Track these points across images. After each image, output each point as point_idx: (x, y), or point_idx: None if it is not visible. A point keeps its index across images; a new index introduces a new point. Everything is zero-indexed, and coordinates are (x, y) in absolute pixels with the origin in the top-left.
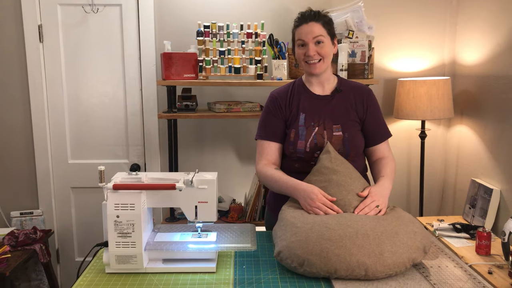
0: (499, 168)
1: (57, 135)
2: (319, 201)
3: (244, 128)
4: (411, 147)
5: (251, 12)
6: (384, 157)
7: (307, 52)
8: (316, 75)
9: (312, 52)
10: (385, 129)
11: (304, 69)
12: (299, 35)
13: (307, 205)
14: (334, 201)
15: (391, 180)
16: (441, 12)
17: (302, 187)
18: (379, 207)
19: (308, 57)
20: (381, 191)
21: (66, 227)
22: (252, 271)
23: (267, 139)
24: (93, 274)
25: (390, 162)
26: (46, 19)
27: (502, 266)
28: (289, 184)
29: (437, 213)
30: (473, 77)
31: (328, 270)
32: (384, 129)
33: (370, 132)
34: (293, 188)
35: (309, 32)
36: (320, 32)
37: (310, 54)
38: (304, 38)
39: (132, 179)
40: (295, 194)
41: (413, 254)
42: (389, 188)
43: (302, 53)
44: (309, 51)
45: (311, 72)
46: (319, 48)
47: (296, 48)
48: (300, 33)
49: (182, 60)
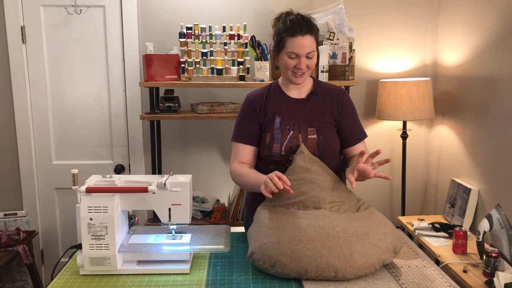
0: (477, 168)
1: (41, 136)
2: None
3: (227, 129)
4: (393, 148)
5: (233, 14)
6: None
7: (298, 65)
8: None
9: (304, 66)
10: (361, 131)
11: (288, 77)
12: (293, 48)
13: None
14: (309, 197)
15: None
16: (422, 12)
17: (263, 176)
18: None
19: (298, 70)
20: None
21: (51, 228)
22: (225, 272)
23: (241, 142)
24: (67, 275)
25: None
26: (29, 20)
27: (477, 265)
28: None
29: (419, 212)
30: (453, 78)
31: (298, 271)
32: (359, 131)
33: (346, 133)
34: (256, 179)
35: (305, 46)
36: (313, 47)
37: (301, 67)
38: (298, 52)
39: (105, 182)
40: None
41: (383, 255)
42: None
43: (291, 63)
44: (301, 64)
45: (296, 83)
46: (309, 61)
47: (285, 57)
48: (294, 45)
49: (164, 61)
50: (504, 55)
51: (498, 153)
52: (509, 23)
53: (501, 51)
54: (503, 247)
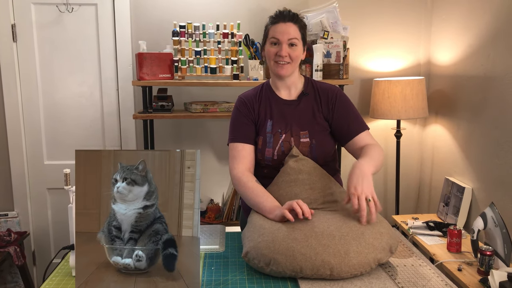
0: (471, 166)
1: (32, 136)
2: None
3: (221, 128)
4: (387, 146)
5: (227, 12)
6: (367, 144)
7: (279, 52)
8: (282, 77)
9: (285, 52)
10: (360, 123)
11: (271, 68)
12: (274, 33)
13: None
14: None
15: (371, 159)
16: (416, 12)
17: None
18: (370, 200)
19: (279, 57)
20: (358, 178)
21: (42, 228)
22: (220, 272)
23: (240, 142)
24: (60, 277)
25: (371, 146)
26: (20, 18)
27: (471, 263)
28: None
29: (413, 211)
30: (447, 77)
31: (294, 269)
32: (358, 123)
33: (342, 128)
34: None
35: (285, 32)
36: (295, 35)
37: (282, 55)
38: (279, 36)
39: None
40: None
41: (378, 254)
42: (366, 168)
43: (273, 51)
44: (282, 51)
45: (278, 72)
46: (291, 50)
47: (268, 45)
48: (275, 31)
49: (157, 60)
50: (497, 54)
51: (491, 151)
52: (502, 22)
53: (494, 50)
54: (497, 246)
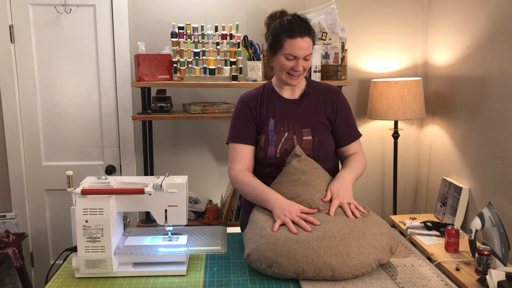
0: (468, 167)
1: (30, 137)
2: (296, 215)
3: (220, 129)
4: (384, 147)
5: (225, 14)
6: (354, 153)
7: (295, 67)
8: (292, 86)
9: (301, 68)
10: (355, 130)
11: (283, 78)
12: (292, 49)
13: (282, 215)
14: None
15: (353, 171)
16: (413, 13)
17: (282, 200)
18: (350, 203)
19: (295, 72)
20: (340, 184)
21: (40, 230)
22: (222, 273)
23: (239, 142)
24: (62, 278)
25: (357, 156)
26: (18, 19)
27: (469, 263)
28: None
29: (411, 211)
30: (444, 78)
31: (296, 271)
32: (354, 130)
33: (341, 133)
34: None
35: (303, 48)
36: (311, 50)
37: (299, 70)
38: (296, 54)
39: (101, 183)
40: (272, 206)
41: (379, 255)
42: (348, 178)
43: (289, 65)
44: (299, 66)
45: (291, 84)
46: (305, 63)
47: (282, 58)
48: (293, 47)
49: (156, 61)
50: (494, 55)
51: (488, 152)
52: (499, 23)
53: (491, 51)
54: (495, 245)
